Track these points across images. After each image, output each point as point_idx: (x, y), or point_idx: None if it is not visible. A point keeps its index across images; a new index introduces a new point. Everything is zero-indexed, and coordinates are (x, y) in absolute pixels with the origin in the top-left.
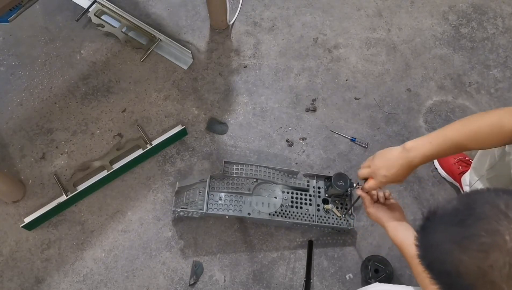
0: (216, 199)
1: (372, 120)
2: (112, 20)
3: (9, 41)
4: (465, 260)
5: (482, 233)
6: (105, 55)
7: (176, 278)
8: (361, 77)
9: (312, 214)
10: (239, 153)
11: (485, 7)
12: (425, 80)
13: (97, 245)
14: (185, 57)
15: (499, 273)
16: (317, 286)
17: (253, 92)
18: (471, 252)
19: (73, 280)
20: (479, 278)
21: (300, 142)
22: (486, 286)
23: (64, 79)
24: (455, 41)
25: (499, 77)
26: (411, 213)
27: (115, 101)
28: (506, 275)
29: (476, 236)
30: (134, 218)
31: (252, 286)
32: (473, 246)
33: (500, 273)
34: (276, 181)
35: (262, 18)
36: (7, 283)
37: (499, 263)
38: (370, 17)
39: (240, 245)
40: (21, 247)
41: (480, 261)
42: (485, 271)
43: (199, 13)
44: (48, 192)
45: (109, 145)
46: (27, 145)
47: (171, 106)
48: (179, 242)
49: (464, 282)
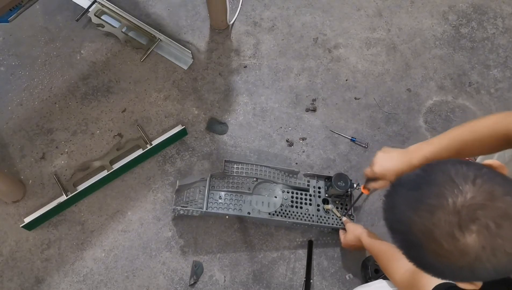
0: (216, 198)
1: (372, 120)
2: (112, 20)
3: (9, 41)
4: (415, 220)
5: (431, 196)
6: (105, 55)
7: (176, 278)
8: (361, 77)
9: (312, 214)
10: (239, 153)
11: (485, 7)
12: (425, 80)
13: (97, 245)
14: (185, 57)
15: (440, 231)
16: (317, 286)
17: (253, 92)
18: (421, 213)
19: (73, 280)
20: (425, 235)
21: (300, 142)
22: (430, 243)
23: (64, 79)
24: (455, 41)
25: (499, 77)
26: None
27: (115, 101)
28: (446, 233)
29: (426, 198)
30: (134, 218)
31: (252, 286)
32: (422, 207)
33: (441, 231)
34: (276, 180)
35: (262, 18)
36: (7, 283)
37: (441, 222)
38: (370, 17)
39: (240, 245)
40: (21, 247)
41: (426, 220)
42: (430, 229)
43: (199, 13)
44: (48, 192)
45: (109, 145)
46: (27, 145)
47: (171, 106)
48: (179, 242)
49: (415, 239)
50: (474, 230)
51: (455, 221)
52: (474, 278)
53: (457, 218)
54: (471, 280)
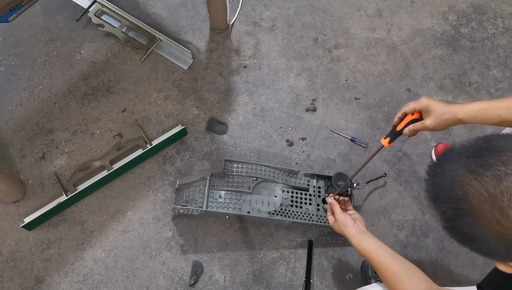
0: (216, 197)
1: (372, 120)
2: (112, 20)
3: (9, 41)
4: (476, 185)
5: (498, 163)
6: (105, 55)
7: (176, 278)
8: (361, 77)
9: (312, 214)
10: (239, 153)
11: (485, 7)
12: (425, 80)
13: (97, 245)
14: (185, 57)
15: (509, 199)
16: (317, 286)
17: (253, 92)
18: (484, 178)
19: (73, 280)
20: (486, 203)
21: (300, 142)
22: (492, 212)
23: (64, 79)
24: (455, 41)
25: (499, 77)
26: (411, 213)
27: (115, 101)
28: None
29: (491, 165)
30: (134, 218)
31: (252, 286)
32: (487, 173)
33: (510, 199)
34: (276, 180)
35: (262, 18)
36: (7, 283)
37: (510, 190)
38: (370, 17)
39: (240, 245)
40: (21, 247)
41: (492, 187)
42: (495, 196)
43: (199, 13)
44: (48, 192)
45: (109, 145)
46: (27, 145)
47: (171, 106)
48: (179, 242)
49: (470, 208)
50: None
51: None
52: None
53: None
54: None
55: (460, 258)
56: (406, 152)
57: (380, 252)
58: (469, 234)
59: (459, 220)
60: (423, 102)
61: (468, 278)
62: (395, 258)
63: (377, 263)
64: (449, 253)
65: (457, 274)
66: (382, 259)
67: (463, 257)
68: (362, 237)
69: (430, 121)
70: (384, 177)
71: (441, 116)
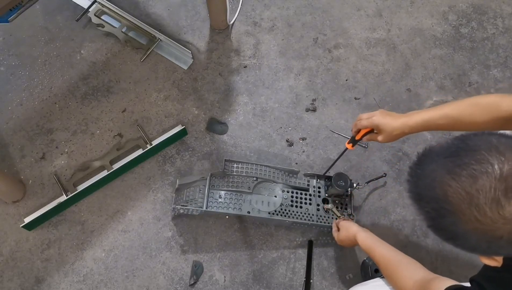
0: (216, 197)
1: None
2: (112, 20)
3: (9, 41)
4: (453, 185)
5: (472, 162)
6: (105, 55)
7: (176, 278)
8: (361, 77)
9: (312, 214)
10: (239, 153)
11: (485, 7)
12: (425, 80)
13: (97, 245)
14: (185, 57)
15: (484, 197)
16: (317, 286)
17: (253, 92)
18: (461, 178)
19: (73, 280)
20: (465, 202)
21: (300, 142)
22: (470, 210)
23: (64, 79)
24: (455, 41)
25: (499, 77)
26: (411, 213)
27: (115, 101)
28: (491, 199)
29: (467, 164)
30: (134, 218)
31: (252, 286)
32: (463, 173)
33: (486, 196)
34: (276, 180)
35: (262, 18)
36: (7, 283)
37: (485, 188)
38: (370, 17)
39: (240, 245)
40: (21, 247)
41: (468, 186)
42: (472, 195)
43: (199, 13)
44: (48, 192)
45: (109, 145)
46: (27, 145)
47: (171, 106)
48: (179, 242)
49: (450, 207)
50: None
51: (501, 187)
52: (509, 249)
53: (504, 185)
54: (506, 252)
55: (460, 258)
56: (406, 152)
57: (383, 246)
58: (451, 232)
59: (442, 219)
60: (374, 121)
61: (468, 278)
62: (395, 251)
63: (379, 255)
64: (449, 253)
65: (457, 274)
66: (384, 251)
67: (463, 257)
68: (367, 234)
69: (382, 138)
70: (384, 177)
71: (391, 133)
